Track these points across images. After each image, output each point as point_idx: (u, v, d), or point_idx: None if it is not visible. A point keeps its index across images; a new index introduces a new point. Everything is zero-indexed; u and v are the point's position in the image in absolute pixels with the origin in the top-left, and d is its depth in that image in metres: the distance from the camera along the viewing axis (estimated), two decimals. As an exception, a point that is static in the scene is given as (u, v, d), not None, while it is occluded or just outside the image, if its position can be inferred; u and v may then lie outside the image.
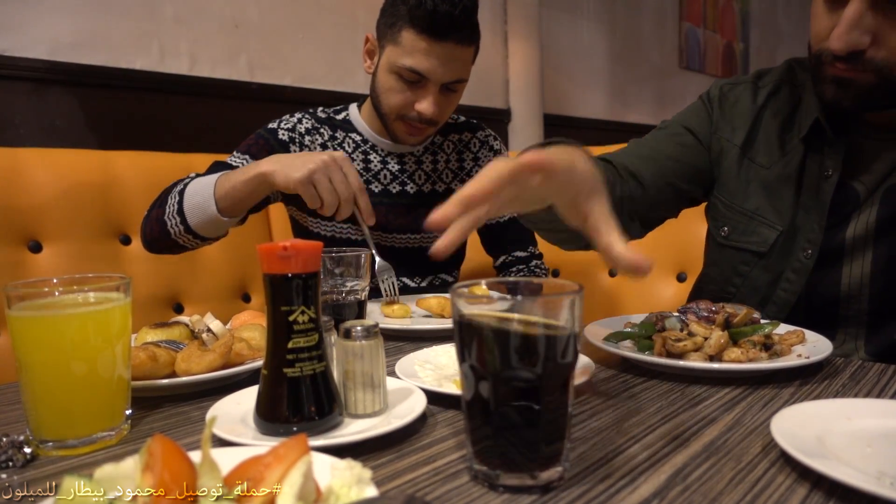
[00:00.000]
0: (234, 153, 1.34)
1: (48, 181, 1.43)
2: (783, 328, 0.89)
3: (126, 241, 1.55)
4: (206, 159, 1.69)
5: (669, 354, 0.81)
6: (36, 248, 1.41)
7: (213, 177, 1.14)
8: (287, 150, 1.33)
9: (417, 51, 1.19)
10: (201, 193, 1.13)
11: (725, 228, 1.08)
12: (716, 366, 0.77)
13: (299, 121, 1.38)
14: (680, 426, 0.63)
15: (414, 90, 1.24)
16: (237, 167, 1.28)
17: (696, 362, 0.78)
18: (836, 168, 0.97)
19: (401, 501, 0.43)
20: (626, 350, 0.83)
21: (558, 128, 3.49)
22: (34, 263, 1.40)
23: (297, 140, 1.35)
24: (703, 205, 1.16)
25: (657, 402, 0.71)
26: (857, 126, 0.98)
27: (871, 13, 0.81)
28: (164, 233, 1.17)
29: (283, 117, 1.39)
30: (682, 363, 0.78)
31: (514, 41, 3.25)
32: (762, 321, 0.86)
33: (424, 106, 1.24)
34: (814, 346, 0.82)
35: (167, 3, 1.99)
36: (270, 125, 1.37)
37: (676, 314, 0.89)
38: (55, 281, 0.66)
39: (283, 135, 1.35)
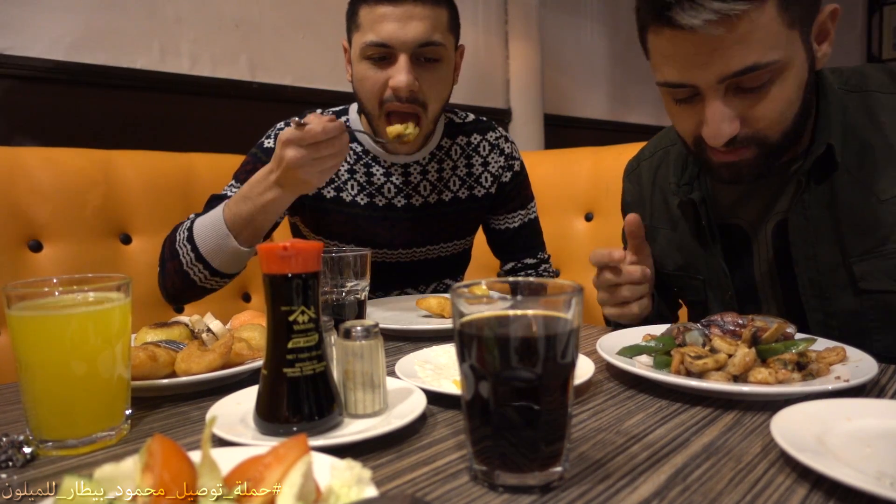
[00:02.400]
0: (232, 182, 1.27)
1: (48, 180, 1.43)
2: (822, 344, 0.81)
3: (126, 240, 1.55)
4: (206, 159, 1.69)
5: (689, 373, 0.73)
6: (36, 247, 1.41)
7: (218, 213, 1.08)
8: None
9: (375, 22, 1.15)
10: (213, 232, 1.07)
11: (675, 289, 1.19)
12: (744, 389, 0.68)
13: None
14: (680, 426, 0.63)
15: (385, 68, 1.17)
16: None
17: (717, 383, 0.70)
18: (708, 214, 1.02)
19: (401, 501, 0.43)
20: (642, 368, 0.75)
21: (559, 128, 3.49)
22: (34, 263, 1.40)
23: None
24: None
25: (657, 401, 0.71)
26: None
27: (729, 101, 0.82)
28: (188, 283, 1.12)
29: (276, 127, 1.33)
30: (702, 385, 0.70)
31: (515, 41, 3.25)
32: (797, 336, 0.78)
33: (396, 78, 1.15)
34: (856, 367, 0.74)
35: (168, 3, 1.99)
36: (265, 142, 1.29)
37: (699, 327, 0.81)
38: (55, 281, 0.66)
39: None
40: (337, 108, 1.38)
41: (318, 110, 1.21)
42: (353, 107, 1.38)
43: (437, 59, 1.20)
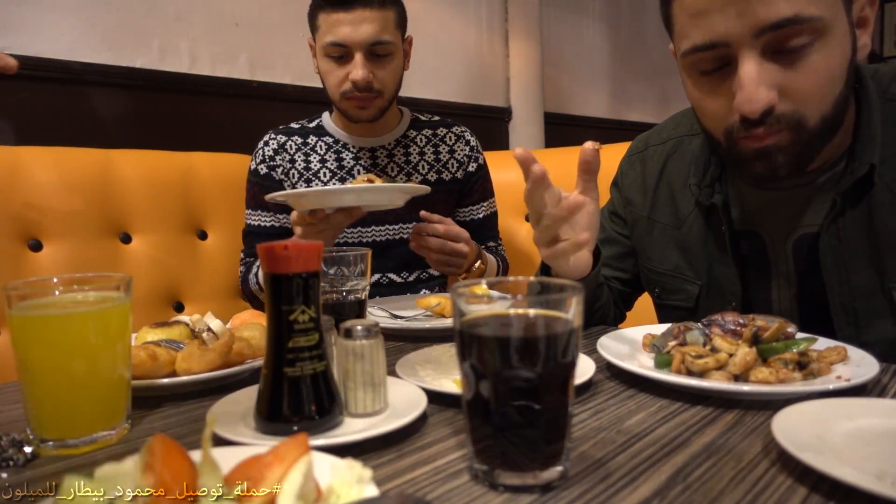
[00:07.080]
0: (247, 212, 1.52)
1: (48, 179, 1.43)
2: (823, 343, 0.80)
3: (126, 239, 1.55)
4: (206, 158, 1.69)
5: (689, 372, 0.73)
6: (36, 246, 1.41)
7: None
8: (271, 180, 1.49)
9: (333, 26, 1.33)
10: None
11: (656, 290, 1.12)
12: (745, 388, 0.68)
13: (266, 143, 1.51)
14: (680, 425, 0.63)
15: (344, 64, 1.36)
16: (263, 225, 1.50)
17: (718, 383, 0.70)
18: (728, 220, 0.96)
19: (401, 501, 0.43)
20: (642, 367, 0.76)
21: (559, 126, 3.49)
22: (34, 262, 1.40)
23: (271, 165, 1.50)
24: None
25: (658, 401, 0.71)
26: (739, 177, 0.97)
27: (765, 66, 0.75)
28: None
29: (258, 146, 1.52)
30: (703, 384, 0.70)
31: (515, 39, 3.25)
32: (798, 336, 0.77)
33: (354, 73, 1.34)
34: (857, 367, 0.73)
35: (168, 2, 1.99)
36: (251, 165, 1.52)
37: (700, 326, 0.81)
38: (55, 280, 0.66)
39: (262, 169, 1.50)
40: (311, 117, 1.56)
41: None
42: (325, 113, 1.56)
43: (387, 55, 1.38)
